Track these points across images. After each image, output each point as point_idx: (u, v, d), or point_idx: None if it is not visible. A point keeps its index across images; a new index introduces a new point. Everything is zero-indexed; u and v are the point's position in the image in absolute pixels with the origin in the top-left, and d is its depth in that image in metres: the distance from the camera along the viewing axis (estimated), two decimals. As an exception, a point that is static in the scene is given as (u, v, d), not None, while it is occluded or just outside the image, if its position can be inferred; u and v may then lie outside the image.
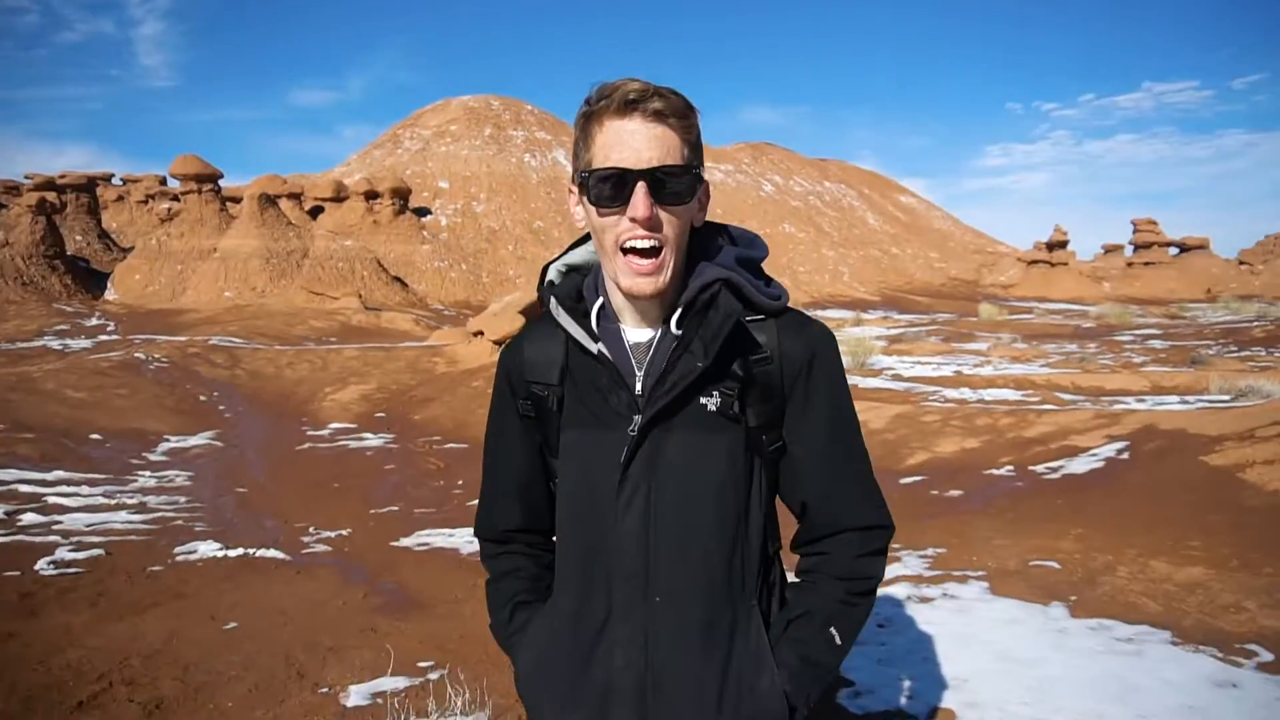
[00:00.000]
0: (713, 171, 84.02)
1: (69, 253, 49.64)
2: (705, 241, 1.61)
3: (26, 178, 56.14)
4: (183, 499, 8.80)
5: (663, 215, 1.43)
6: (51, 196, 51.68)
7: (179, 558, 6.82)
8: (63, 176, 57.57)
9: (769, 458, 1.59)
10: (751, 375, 1.54)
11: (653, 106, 1.40)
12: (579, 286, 1.63)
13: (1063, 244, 79.43)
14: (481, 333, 19.11)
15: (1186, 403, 13.47)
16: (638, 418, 1.52)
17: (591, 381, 1.57)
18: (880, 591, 5.84)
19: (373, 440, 12.21)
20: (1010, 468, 9.04)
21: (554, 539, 1.74)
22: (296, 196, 60.69)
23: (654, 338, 1.54)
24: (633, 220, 1.41)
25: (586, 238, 1.70)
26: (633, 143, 1.40)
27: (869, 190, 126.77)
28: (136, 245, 52.89)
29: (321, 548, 7.30)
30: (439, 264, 61.88)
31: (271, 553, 6.98)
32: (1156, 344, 26.61)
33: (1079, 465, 8.73)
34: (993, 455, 9.68)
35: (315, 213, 61.98)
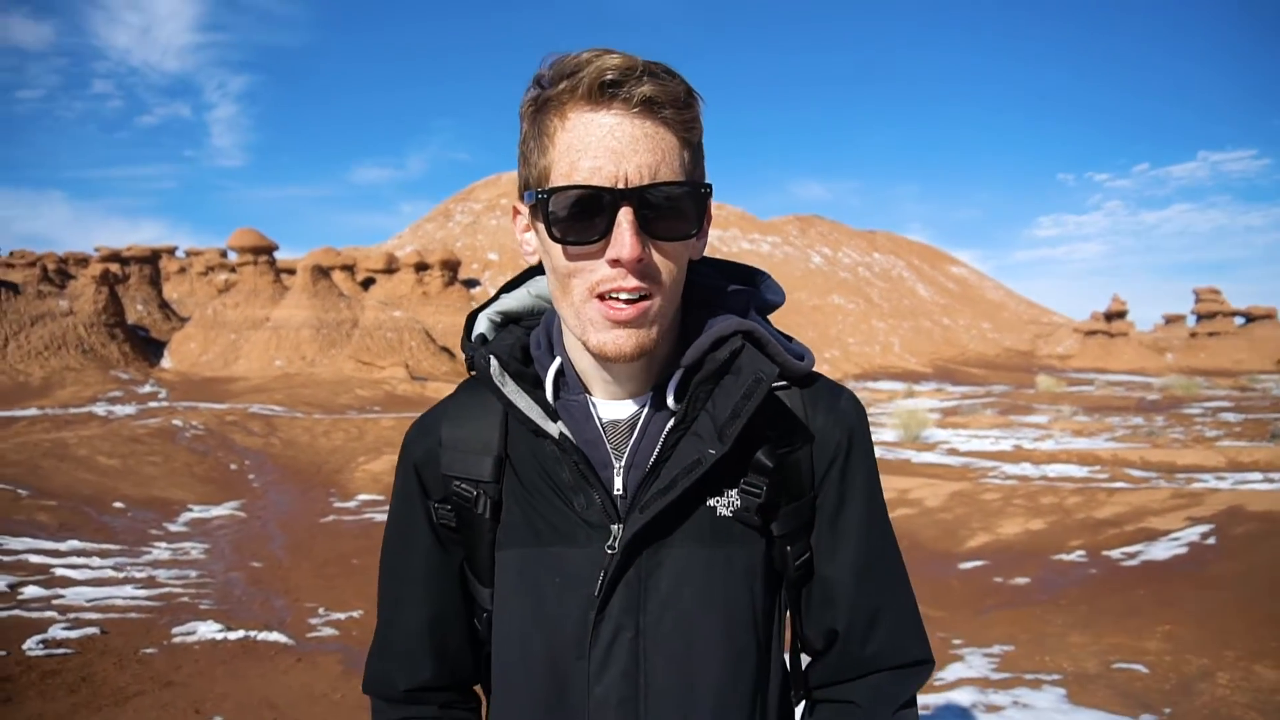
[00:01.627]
0: (759, 243, 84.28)
1: (130, 322, 51.14)
2: (698, 279, 1.12)
3: (95, 250, 58.41)
4: (193, 573, 8.42)
5: (656, 255, 0.96)
6: (115, 268, 53.60)
7: (176, 639, 6.38)
8: (129, 249, 59.78)
9: (794, 579, 1.10)
10: (781, 467, 1.06)
11: (641, 92, 0.93)
12: (522, 343, 1.12)
13: (1121, 314, 77.53)
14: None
15: (1271, 480, 12.44)
16: (617, 528, 1.02)
17: (545, 477, 1.06)
18: (940, 698, 5.13)
19: (400, 512, 11.81)
20: (1082, 552, 8.23)
21: (478, 699, 1.23)
22: (350, 268, 62.18)
23: (639, 413, 1.06)
24: (614, 263, 0.94)
25: (525, 275, 1.20)
26: (612, 145, 0.93)
27: (919, 261, 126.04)
28: (193, 315, 54.36)
29: (328, 631, 6.81)
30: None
31: (274, 636, 6.50)
32: (1229, 417, 25.26)
33: (1159, 551, 7.91)
34: (1061, 538, 8.87)
35: (367, 284, 63.35)
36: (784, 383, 1.09)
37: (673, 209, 0.95)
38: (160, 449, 15.29)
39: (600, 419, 1.06)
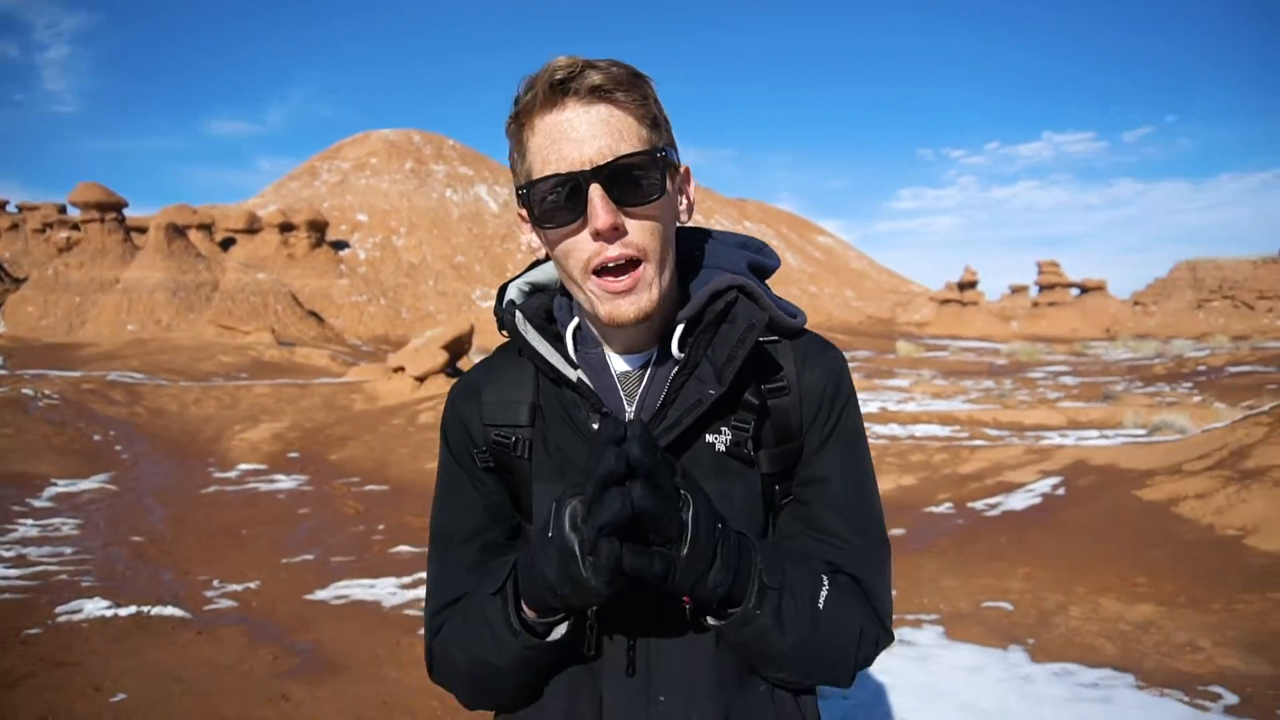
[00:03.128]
0: None
1: (-46, 283, 46.54)
2: (698, 245, 1.30)
3: (-92, 203, 52.72)
4: (68, 550, 7.97)
5: (633, 222, 1.11)
6: (-64, 223, 48.51)
7: (61, 618, 6.09)
8: (-51, 203, 54.19)
9: (778, 514, 1.28)
10: (766, 408, 1.22)
11: (588, 83, 1.08)
12: (547, 307, 1.29)
13: (973, 284, 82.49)
14: (403, 368, 18.42)
15: (1106, 437, 13.77)
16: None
17: (569, 419, 1.22)
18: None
19: (285, 482, 11.45)
20: (949, 505, 8.95)
21: None
22: (207, 228, 58.58)
23: (648, 363, 1.22)
24: (596, 234, 1.09)
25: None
26: (572, 134, 1.08)
27: (787, 230, 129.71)
28: (31, 276, 49.97)
29: (226, 603, 6.64)
30: (357, 298, 60.38)
31: (169, 610, 6.29)
32: (1068, 380, 27.52)
33: (1017, 501, 8.69)
34: (930, 492, 9.59)
35: (227, 245, 59.91)
36: (776, 337, 1.24)
37: (636, 177, 1.09)
38: (10, 420, 14.16)
39: (615, 369, 1.22)
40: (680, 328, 1.19)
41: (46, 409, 15.83)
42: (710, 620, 1.12)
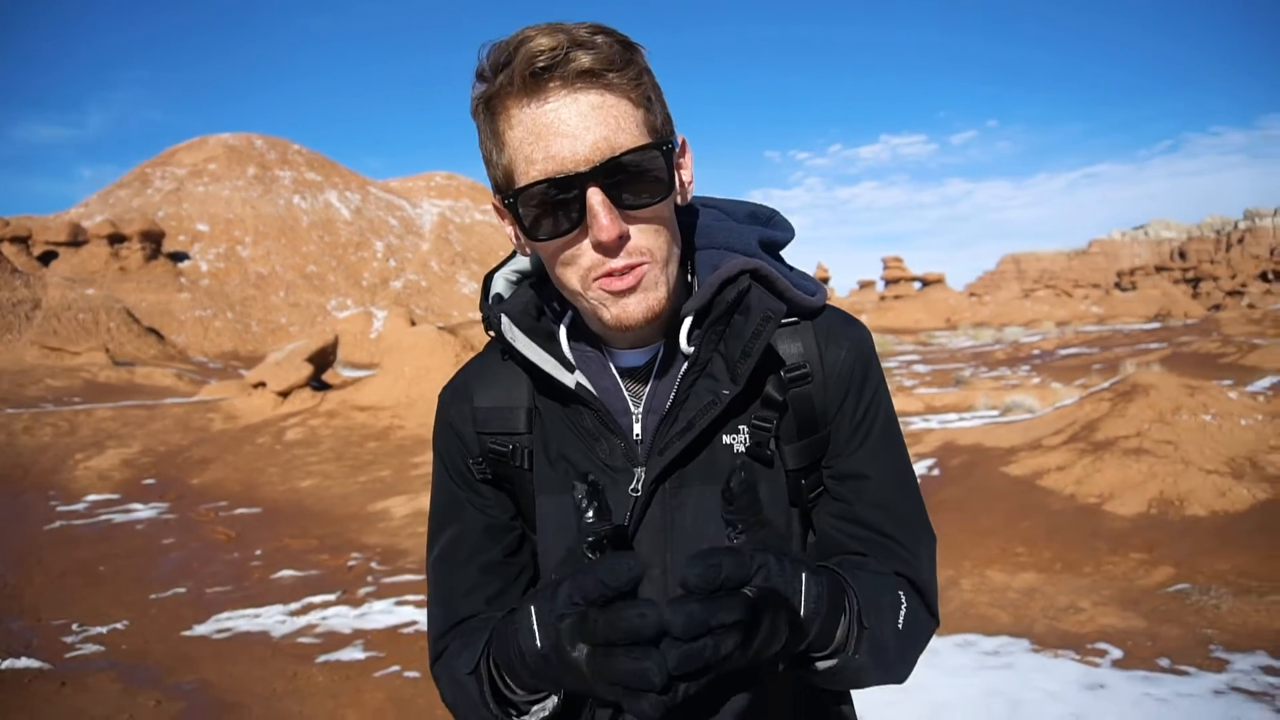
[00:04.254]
0: (471, 212, 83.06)
1: None
2: (701, 219, 1.15)
3: None
4: (-110, 604, 7.04)
5: (637, 225, 0.97)
6: None
7: (-109, 681, 5.36)
8: None
9: (808, 507, 1.16)
10: (787, 401, 1.10)
11: (576, 66, 0.92)
12: (535, 301, 1.14)
13: (825, 280, 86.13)
14: (264, 384, 17.40)
15: (964, 419, 14.63)
16: (640, 471, 1.07)
17: (570, 425, 1.10)
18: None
19: (143, 511, 10.54)
20: (835, 491, 9.26)
21: None
22: (23, 240, 53.55)
23: (654, 359, 1.09)
24: (599, 246, 0.95)
25: None
26: (561, 128, 0.92)
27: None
28: None
29: (91, 648, 6.03)
30: (201, 313, 56.73)
31: (23, 662, 5.65)
32: (920, 368, 29.16)
33: (898, 484, 9.10)
34: (816, 480, 9.91)
35: (48, 259, 54.95)
36: (794, 318, 1.12)
37: (641, 175, 0.95)
38: None
39: (616, 367, 1.10)
40: (688, 320, 1.06)
41: None
42: (796, 669, 0.99)
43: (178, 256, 61.65)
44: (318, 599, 6.90)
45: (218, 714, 4.89)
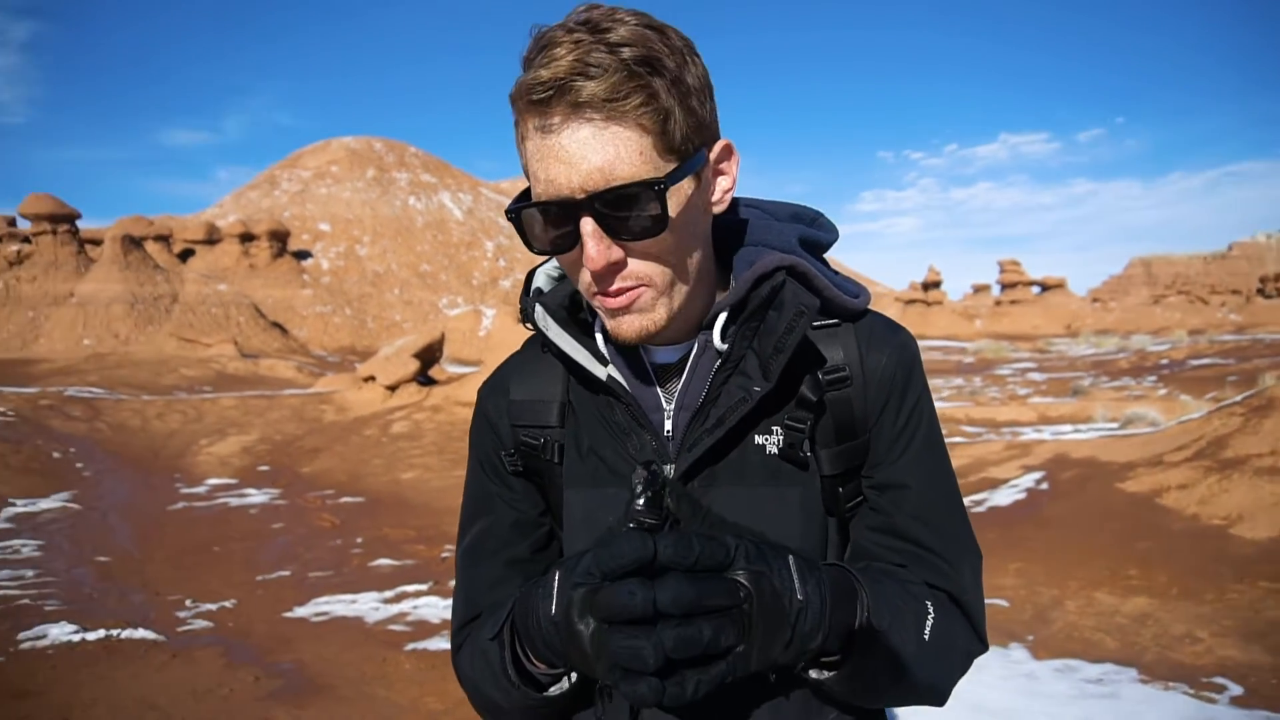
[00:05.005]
0: None
1: (-100, 300, 45.10)
2: (743, 219, 1.13)
3: None
4: (30, 573, 7.64)
5: (633, 256, 0.96)
6: (-120, 238, 46.98)
7: (24, 645, 5.81)
8: (-106, 217, 52.55)
9: (846, 516, 1.11)
10: (824, 402, 1.06)
11: (573, 99, 0.89)
12: (574, 295, 1.14)
13: (936, 284, 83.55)
14: (373, 378, 18.10)
15: (1080, 431, 13.88)
16: (669, 468, 1.05)
17: (602, 419, 1.09)
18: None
19: (257, 497, 11.13)
20: (934, 502, 8.93)
21: None
22: (165, 239, 57.44)
23: (689, 355, 1.07)
24: (589, 270, 0.96)
25: None
26: (560, 155, 0.91)
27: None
28: (-20, 291, 48.56)
29: (201, 624, 6.39)
30: (321, 309, 59.57)
31: (140, 633, 6.03)
32: (1036, 376, 27.88)
33: (1002, 497, 8.69)
34: (914, 490, 9.57)
35: (186, 256, 58.83)
36: (836, 320, 1.10)
37: (631, 210, 0.92)
38: (-37, 440, 13.67)
39: (651, 362, 1.09)
40: (723, 316, 1.04)
41: (2, 427, 15.30)
42: (809, 674, 0.97)
43: (301, 255, 64.90)
44: (411, 588, 7.10)
45: (310, 694, 5.08)
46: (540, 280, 1.17)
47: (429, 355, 18.80)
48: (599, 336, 1.09)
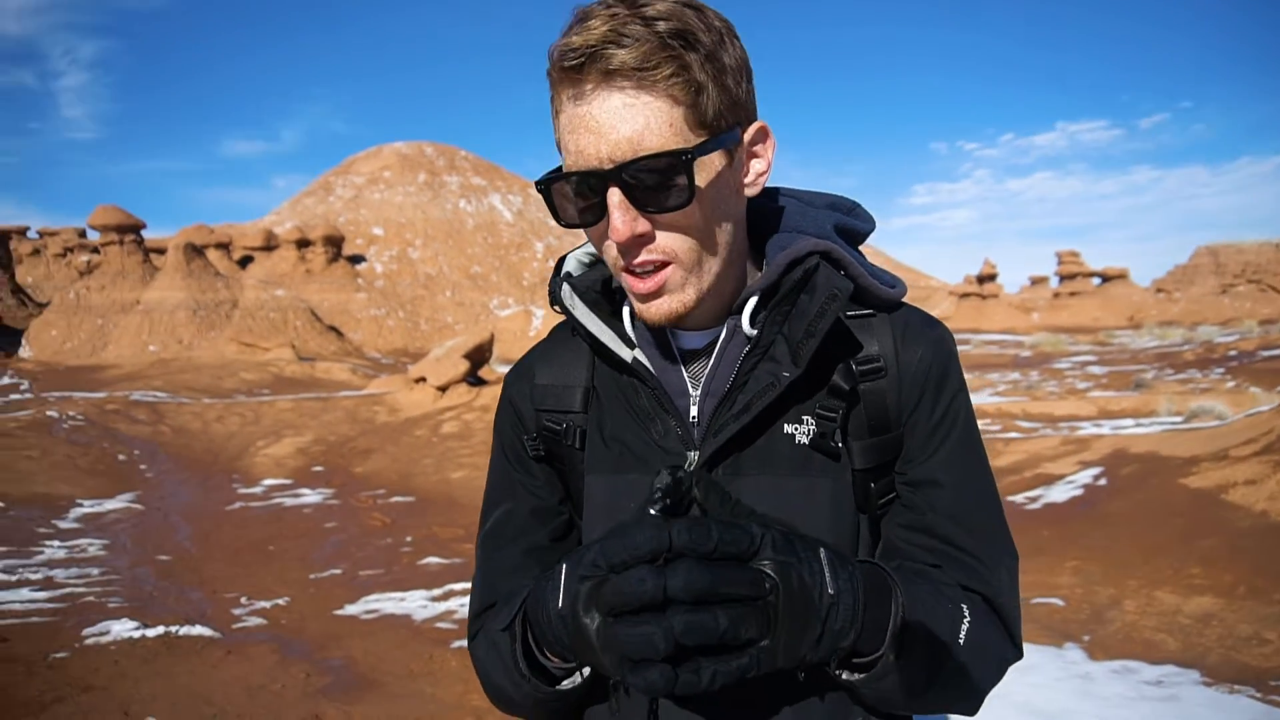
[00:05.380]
0: None
1: (-21, 310, 47.11)
2: (779, 206, 1.11)
3: (-68, 233, 53.43)
4: (95, 571, 7.91)
5: (660, 229, 0.94)
6: (-40, 252, 49.12)
7: (88, 640, 6.01)
8: (-28, 231, 54.95)
9: (877, 513, 1.07)
10: (857, 393, 1.03)
11: (604, 66, 0.89)
12: (606, 277, 1.14)
13: (992, 277, 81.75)
14: (424, 379, 18.36)
15: (1142, 425, 13.45)
16: (693, 454, 1.02)
17: (626, 405, 1.07)
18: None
19: (311, 496, 11.38)
20: (988, 499, 8.72)
21: None
22: (225, 246, 59.08)
23: (717, 340, 1.04)
24: (615, 242, 0.94)
25: None
26: (590, 125, 0.91)
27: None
28: (53, 300, 50.53)
29: (255, 621, 6.54)
30: (375, 312, 60.65)
31: (197, 629, 6.20)
32: (1096, 370, 27.11)
33: (1058, 494, 8.45)
34: (967, 486, 9.37)
35: (245, 262, 60.38)
36: (870, 311, 1.07)
37: (658, 182, 0.91)
38: (36, 442, 14.20)
39: (679, 347, 1.07)
40: (753, 300, 1.02)
41: (71, 430, 15.88)
42: (841, 675, 0.93)
43: (355, 259, 66.16)
44: (458, 586, 7.17)
45: (359, 689, 5.16)
46: (571, 265, 1.16)
47: (479, 356, 19.01)
48: (627, 319, 1.08)
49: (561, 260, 1.17)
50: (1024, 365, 31.74)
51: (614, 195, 0.91)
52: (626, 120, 0.89)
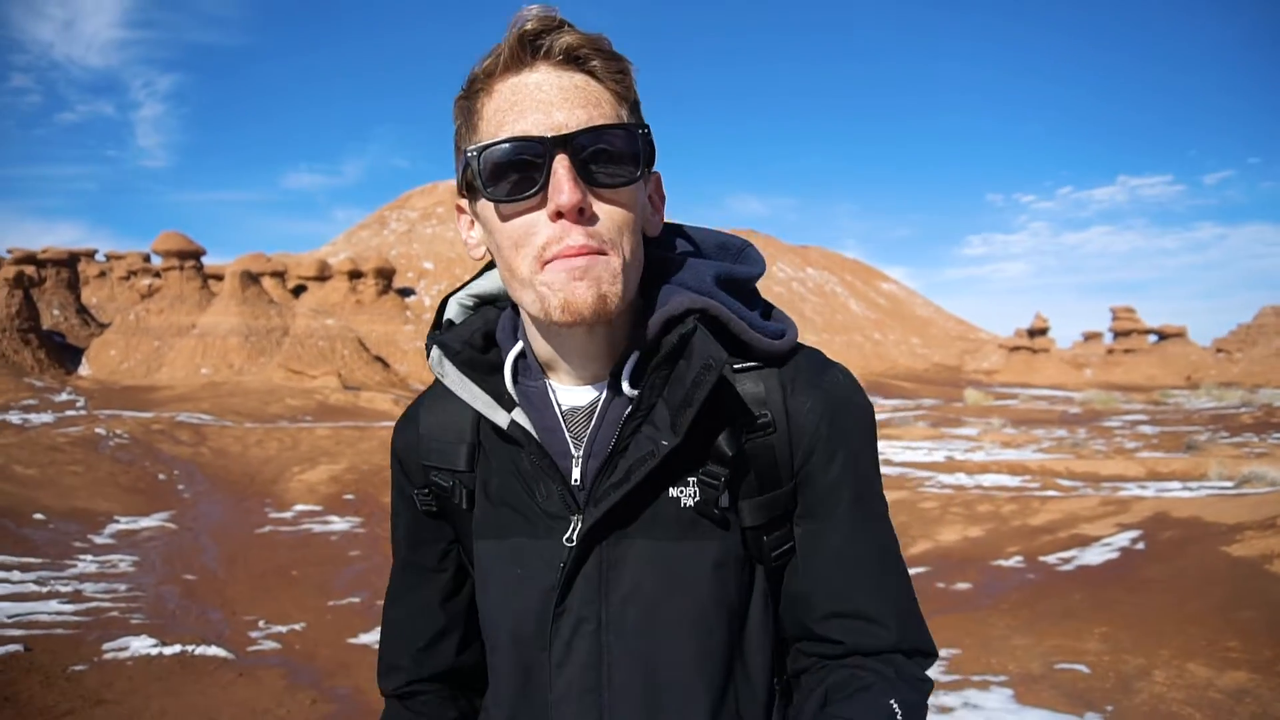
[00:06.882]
0: None
1: (45, 327, 48.91)
2: (662, 254, 1.06)
3: (8, 252, 55.74)
4: (123, 587, 8.06)
5: (602, 207, 0.91)
6: (30, 270, 51.17)
7: (107, 655, 6.10)
8: (44, 251, 57.26)
9: (774, 565, 1.04)
10: (743, 453, 1.00)
11: (563, 42, 0.91)
12: (489, 328, 1.09)
13: (1043, 331, 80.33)
14: (460, 411, 18.53)
15: (1189, 489, 13.01)
16: (577, 519, 1.00)
17: (510, 466, 1.04)
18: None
19: (339, 524, 11.49)
20: (1019, 558, 8.47)
21: (482, 688, 1.21)
22: (280, 275, 60.62)
23: (598, 399, 1.01)
24: (557, 214, 0.89)
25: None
26: (539, 96, 0.90)
27: (851, 277, 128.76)
28: (114, 321, 52.27)
29: (269, 644, 6.58)
30: (421, 344, 61.51)
31: (212, 650, 6.26)
32: (1147, 430, 26.35)
33: (1093, 556, 8.19)
34: (999, 544, 9.11)
35: (298, 291, 61.84)
36: (756, 364, 1.03)
37: (611, 153, 0.91)
38: (82, 458, 14.61)
39: (560, 406, 1.02)
40: (633, 360, 0.99)
41: (116, 448, 16.30)
42: None
43: (405, 292, 67.36)
44: (473, 620, 7.16)
45: (362, 719, 5.15)
46: (452, 310, 1.13)
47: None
48: (508, 374, 1.04)
49: (443, 305, 1.13)
50: (1071, 422, 30.98)
51: (561, 162, 0.88)
52: (577, 100, 0.91)
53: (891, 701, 0.94)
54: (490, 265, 1.11)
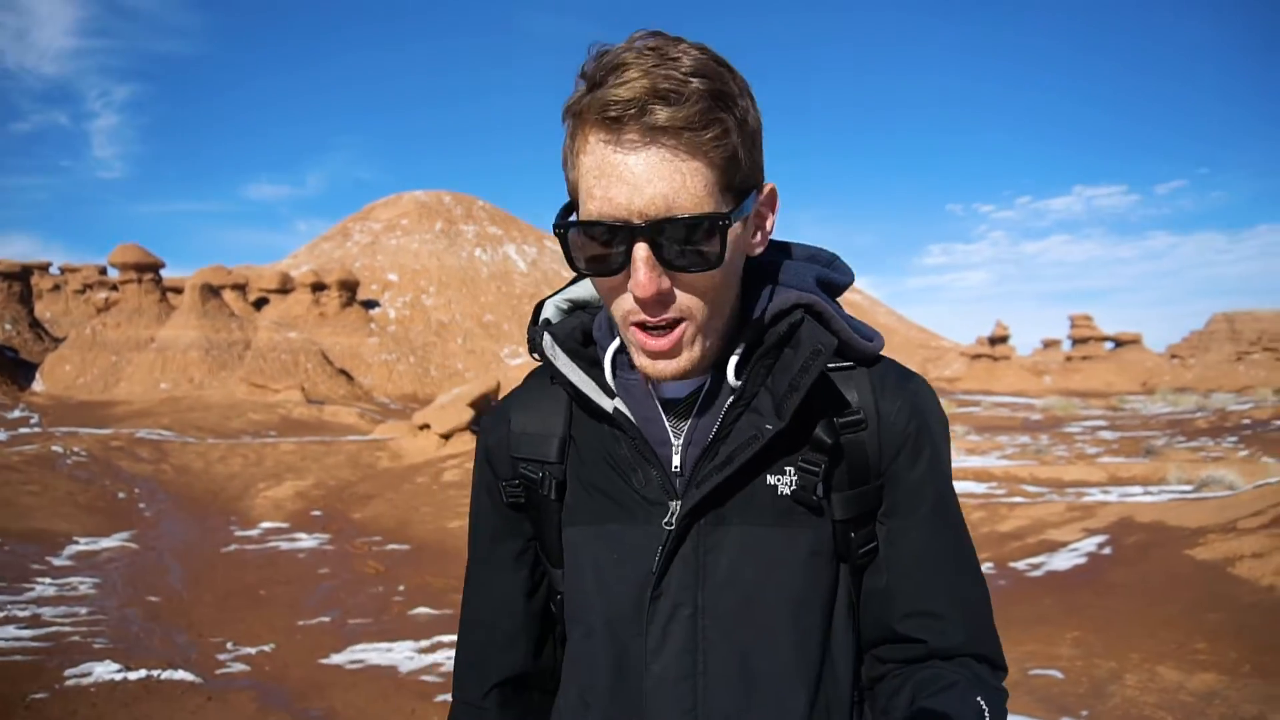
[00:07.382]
0: None
1: (-4, 343, 47.61)
2: (760, 261, 1.11)
3: (-44, 266, 54.22)
4: (84, 610, 7.83)
5: (682, 284, 0.95)
6: (-19, 285, 49.80)
7: (69, 682, 5.91)
8: (-5, 265, 55.74)
9: (859, 562, 1.08)
10: (840, 445, 1.04)
11: (647, 121, 0.88)
12: (585, 327, 1.14)
13: (1004, 339, 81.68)
14: (428, 426, 18.35)
15: (1150, 493, 13.26)
16: (676, 504, 1.03)
17: (606, 455, 1.08)
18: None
19: (306, 541, 11.29)
20: (989, 565, 8.57)
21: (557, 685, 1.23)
22: (241, 287, 59.71)
23: (700, 389, 1.05)
24: (635, 297, 0.94)
25: None
26: (626, 176, 0.90)
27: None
28: (69, 335, 51.06)
29: (239, 667, 6.44)
30: (386, 356, 60.91)
31: (179, 674, 6.10)
32: (1106, 435, 26.87)
33: (1061, 561, 8.31)
34: (969, 551, 9.22)
35: (260, 304, 60.94)
36: (850, 363, 1.08)
37: (689, 242, 0.92)
38: (38, 477, 14.21)
39: (659, 397, 1.06)
40: (738, 353, 1.03)
41: (74, 466, 15.89)
42: None
43: (369, 304, 66.68)
44: (447, 638, 7.06)
45: (335, 743, 5.05)
46: (549, 311, 1.17)
47: (484, 404, 19.01)
48: (608, 368, 1.08)
49: (540, 306, 1.17)
50: (1034, 429, 31.50)
51: (642, 250, 0.91)
52: (664, 178, 0.90)
53: (979, 699, 0.96)
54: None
